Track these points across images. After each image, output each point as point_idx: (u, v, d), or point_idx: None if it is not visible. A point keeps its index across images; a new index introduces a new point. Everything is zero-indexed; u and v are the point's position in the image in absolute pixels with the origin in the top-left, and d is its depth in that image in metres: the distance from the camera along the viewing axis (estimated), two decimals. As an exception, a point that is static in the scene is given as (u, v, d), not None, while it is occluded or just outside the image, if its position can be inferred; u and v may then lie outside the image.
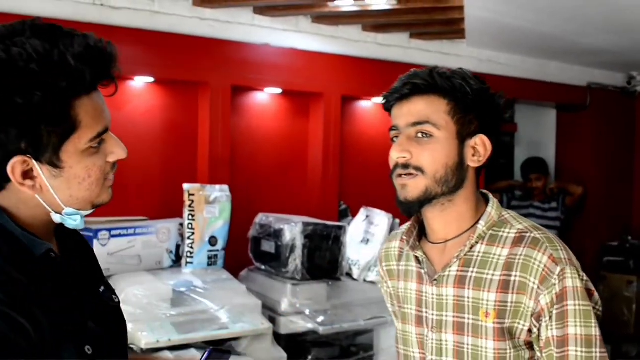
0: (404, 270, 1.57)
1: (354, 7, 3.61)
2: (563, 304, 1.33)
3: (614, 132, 5.94)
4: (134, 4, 3.38)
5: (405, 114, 1.47)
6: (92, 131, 1.13)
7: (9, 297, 1.03)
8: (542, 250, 1.37)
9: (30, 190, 1.13)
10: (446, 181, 1.42)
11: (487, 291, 1.40)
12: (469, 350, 1.42)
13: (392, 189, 4.55)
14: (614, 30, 4.22)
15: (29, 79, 1.04)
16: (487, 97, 1.46)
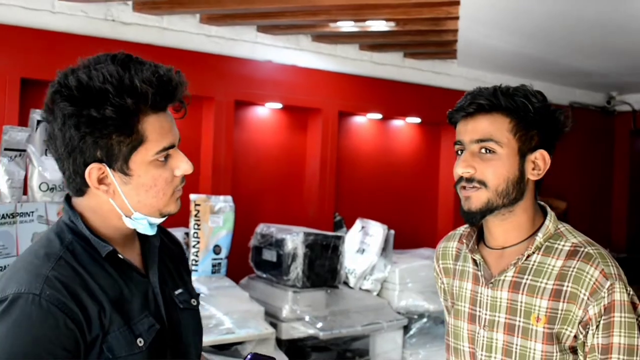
0: (460, 269, 1.67)
1: (353, 27, 3.79)
2: (611, 315, 1.43)
3: (595, 149, 6.17)
4: (144, 20, 3.53)
5: (470, 131, 1.53)
6: (158, 145, 1.27)
7: (68, 289, 1.21)
8: (595, 264, 1.46)
9: (105, 195, 1.28)
10: (507, 194, 1.50)
11: (539, 298, 1.49)
12: (517, 350, 1.51)
13: (385, 201, 4.74)
14: (596, 53, 4.44)
15: (103, 96, 1.21)
16: (548, 114, 1.52)
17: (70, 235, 1.30)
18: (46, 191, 2.73)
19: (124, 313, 1.28)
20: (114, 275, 1.30)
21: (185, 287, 1.48)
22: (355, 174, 4.61)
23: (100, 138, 1.23)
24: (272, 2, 3.35)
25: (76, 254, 1.27)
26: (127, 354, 1.25)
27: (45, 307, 1.17)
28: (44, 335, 1.16)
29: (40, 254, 1.26)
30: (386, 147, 4.85)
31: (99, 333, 1.22)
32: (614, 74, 5.14)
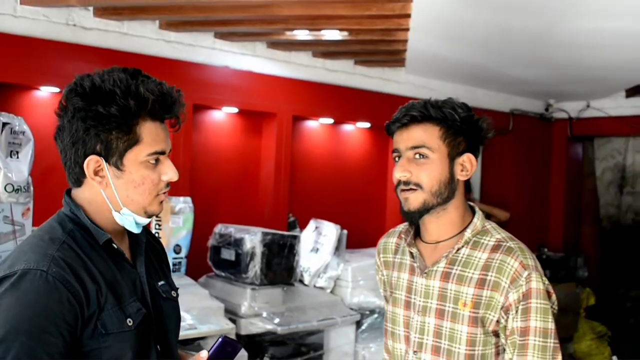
0: (398, 262, 1.86)
1: (308, 36, 3.94)
2: (528, 301, 1.62)
3: (533, 153, 6.47)
4: (105, 26, 3.61)
5: (405, 140, 1.72)
6: (150, 148, 1.44)
7: (72, 269, 1.36)
8: (515, 257, 1.66)
9: (99, 185, 1.44)
10: (440, 194, 1.70)
11: (467, 286, 1.69)
12: (446, 332, 1.71)
13: (337, 202, 4.89)
14: (535, 64, 4.71)
15: (111, 97, 1.39)
16: (472, 122, 1.72)
17: (70, 224, 1.45)
18: (11, 192, 2.80)
19: (116, 295, 1.42)
20: (108, 262, 1.45)
21: (167, 280, 1.64)
22: (308, 176, 4.76)
23: (102, 132, 1.40)
24: (231, 11, 3.48)
25: (77, 240, 1.42)
26: (118, 330, 1.40)
27: (52, 282, 1.32)
28: (49, 307, 1.30)
29: (45, 238, 1.41)
30: (337, 150, 5.02)
31: (96, 310, 1.37)
32: (552, 83, 5.44)
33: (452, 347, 1.70)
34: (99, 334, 1.37)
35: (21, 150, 2.90)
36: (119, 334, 1.40)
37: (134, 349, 1.42)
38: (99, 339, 1.37)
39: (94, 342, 1.37)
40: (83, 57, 3.56)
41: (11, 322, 1.28)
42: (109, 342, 1.38)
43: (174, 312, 1.62)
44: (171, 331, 1.60)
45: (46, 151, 3.50)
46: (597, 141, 7.09)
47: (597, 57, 4.32)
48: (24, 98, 3.55)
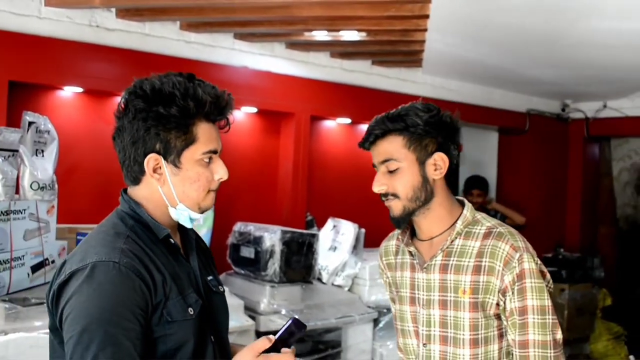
0: (400, 262, 1.93)
1: (327, 36, 3.98)
2: (522, 281, 1.71)
3: (550, 153, 6.46)
4: (127, 27, 3.67)
5: (376, 155, 1.82)
6: (205, 147, 1.53)
7: (140, 259, 1.45)
8: (505, 241, 1.75)
9: (157, 182, 1.53)
10: (417, 198, 1.78)
11: (464, 274, 1.77)
12: (451, 321, 1.79)
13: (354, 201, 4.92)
14: (552, 64, 4.72)
15: (171, 98, 1.47)
16: (435, 122, 1.78)
17: (131, 221, 1.54)
18: (37, 190, 2.87)
19: (178, 286, 1.51)
20: (168, 256, 1.54)
21: (214, 275, 1.72)
22: (326, 175, 4.80)
23: (162, 131, 1.49)
24: (250, 12, 3.53)
25: (138, 235, 1.52)
26: (182, 319, 1.48)
27: (124, 272, 1.40)
28: (125, 295, 1.39)
29: (111, 233, 1.50)
30: (355, 150, 5.01)
31: (162, 299, 1.46)
32: (569, 83, 5.44)
33: (457, 335, 1.78)
34: (165, 322, 1.46)
35: (46, 149, 2.97)
36: (183, 322, 1.48)
37: (195, 337, 1.50)
38: (165, 326, 1.45)
39: (161, 329, 1.45)
40: (105, 57, 3.62)
41: (92, 312, 1.35)
42: (174, 329, 1.46)
43: (223, 305, 1.70)
44: (222, 323, 1.68)
45: (70, 150, 3.58)
46: (614, 141, 7.06)
47: (615, 57, 4.32)
48: (48, 98, 3.61)
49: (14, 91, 3.35)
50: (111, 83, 3.64)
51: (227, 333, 1.70)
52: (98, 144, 3.73)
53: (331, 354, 3.64)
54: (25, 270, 2.75)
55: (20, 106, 3.21)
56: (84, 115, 3.77)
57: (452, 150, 1.82)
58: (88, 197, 3.73)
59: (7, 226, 2.67)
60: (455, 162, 1.84)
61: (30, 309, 2.53)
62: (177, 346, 1.47)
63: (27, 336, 2.30)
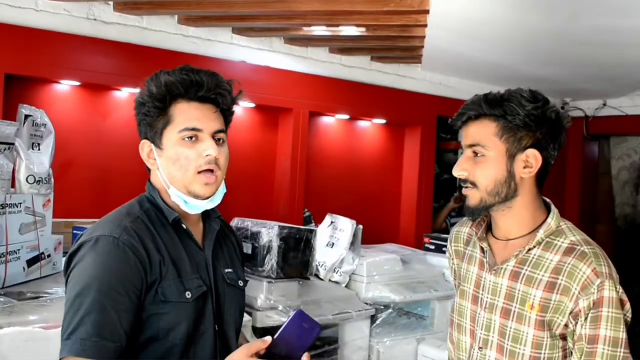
0: (469, 254, 1.84)
1: (325, 32, 3.96)
2: (599, 309, 1.56)
3: (548, 152, 6.44)
4: (124, 20, 3.65)
5: (464, 137, 1.71)
6: (181, 125, 1.57)
7: (140, 238, 1.54)
8: (588, 263, 1.60)
9: (153, 166, 1.63)
10: (497, 193, 1.66)
11: (535, 288, 1.64)
12: (510, 332, 1.67)
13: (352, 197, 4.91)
14: (552, 61, 4.70)
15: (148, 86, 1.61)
16: (539, 115, 1.64)
17: (147, 204, 1.65)
18: (33, 183, 2.85)
19: (178, 269, 1.58)
20: (175, 240, 1.62)
21: (234, 269, 1.75)
22: (324, 171, 4.79)
23: (144, 116, 1.61)
24: (249, 6, 3.50)
25: (150, 217, 1.61)
26: (176, 300, 1.54)
27: (121, 247, 1.50)
28: (118, 269, 1.48)
29: (123, 212, 1.61)
30: (353, 146, 5.04)
31: (157, 278, 1.53)
32: (568, 81, 5.42)
33: (516, 348, 1.67)
34: (159, 301, 1.52)
35: (42, 142, 2.94)
36: (177, 304, 1.54)
37: (188, 320, 1.56)
38: (158, 305, 1.52)
39: (154, 307, 1.52)
40: (103, 51, 3.60)
41: (87, 280, 1.46)
42: (166, 309, 1.53)
43: (235, 299, 1.73)
44: (230, 315, 1.70)
45: (67, 144, 3.56)
46: (613, 140, 7.04)
47: (615, 55, 4.31)
48: (45, 91, 3.60)
49: (10, 84, 3.34)
50: (108, 77, 3.62)
51: (234, 326, 1.71)
52: (95, 137, 3.71)
53: (328, 350, 3.62)
54: (20, 264, 2.73)
55: (16, 99, 3.19)
56: (81, 109, 3.75)
57: (551, 149, 1.69)
58: (84, 191, 3.71)
59: (2, 220, 2.65)
60: (552, 162, 1.72)
61: (25, 303, 2.51)
62: (169, 326, 1.53)
63: (22, 330, 2.28)
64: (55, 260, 2.98)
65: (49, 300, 2.55)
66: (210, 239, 1.69)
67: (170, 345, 1.54)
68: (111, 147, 3.77)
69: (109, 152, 3.77)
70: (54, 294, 2.60)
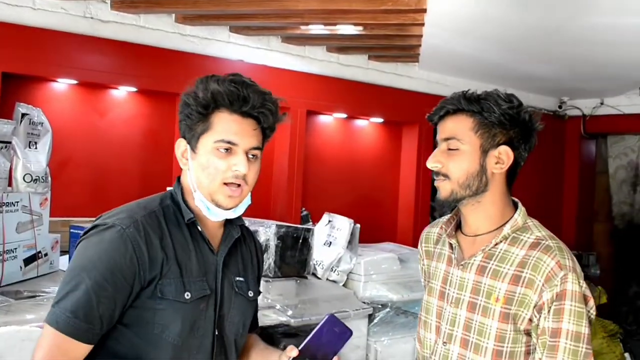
0: (438, 252, 1.88)
1: (323, 30, 3.96)
2: (562, 302, 1.59)
3: (546, 150, 6.44)
4: (121, 19, 3.64)
5: (441, 131, 1.76)
6: (218, 136, 1.58)
7: (147, 234, 1.55)
8: (552, 255, 1.64)
9: (185, 166, 1.65)
10: (468, 185, 1.71)
11: (501, 281, 1.67)
12: (475, 326, 1.70)
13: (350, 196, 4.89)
14: (549, 60, 4.71)
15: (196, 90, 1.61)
16: (513, 115, 1.71)
17: (168, 201, 1.65)
18: (30, 182, 2.84)
19: (182, 269, 1.58)
20: (188, 240, 1.62)
21: (246, 278, 1.74)
22: (322, 170, 4.78)
23: (186, 117, 1.61)
24: (246, 4, 3.50)
25: (166, 215, 1.62)
26: (174, 299, 1.55)
27: (124, 239, 1.51)
28: (112, 257, 1.50)
29: (141, 205, 1.62)
30: (351, 145, 5.04)
31: (157, 275, 1.54)
32: (566, 80, 5.43)
33: (480, 342, 1.69)
34: (156, 297, 1.53)
35: (39, 141, 2.94)
36: (174, 302, 1.55)
37: (183, 320, 1.56)
38: (155, 300, 1.53)
39: (151, 302, 1.53)
40: (100, 49, 3.59)
41: (83, 259, 1.51)
42: (163, 306, 1.54)
43: (242, 308, 1.73)
44: (232, 323, 1.69)
45: (64, 142, 3.55)
46: (610, 139, 7.06)
47: (612, 54, 4.31)
48: (42, 90, 3.59)
49: (7, 83, 3.33)
50: (105, 75, 3.62)
51: (238, 334, 1.72)
52: (92, 136, 3.70)
53: (325, 349, 3.62)
54: (17, 263, 2.73)
55: (13, 98, 3.18)
56: (78, 108, 3.74)
57: (522, 150, 1.75)
58: (82, 190, 3.70)
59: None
60: (521, 164, 1.78)
61: (22, 302, 2.51)
62: (164, 322, 1.54)
63: (18, 329, 2.28)
64: (52, 259, 2.98)
65: (46, 299, 2.55)
66: (226, 245, 1.69)
67: (166, 342, 1.55)
68: (108, 145, 3.77)
69: (106, 150, 3.77)
70: (51, 293, 2.60)
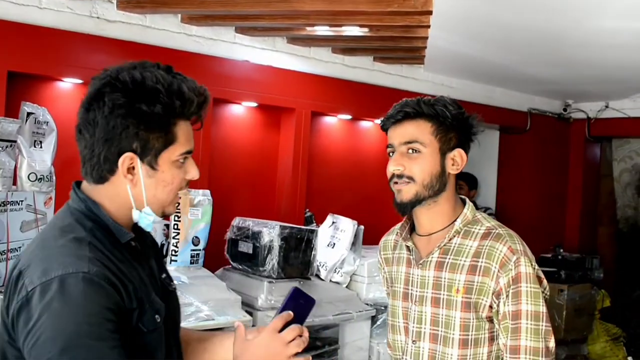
0: (397, 257, 1.93)
1: (328, 32, 3.96)
2: (518, 285, 1.69)
3: (550, 153, 6.44)
4: (128, 18, 3.64)
5: (399, 135, 1.81)
6: (183, 148, 1.42)
7: (108, 267, 1.32)
8: (503, 242, 1.73)
9: (129, 183, 1.40)
10: (431, 186, 1.78)
11: (459, 273, 1.75)
12: (442, 319, 1.77)
13: (354, 198, 4.91)
14: (555, 63, 4.70)
15: (154, 94, 1.35)
16: (462, 119, 1.81)
17: (89, 223, 1.39)
18: (34, 181, 2.85)
19: (146, 293, 1.40)
20: (130, 260, 1.42)
21: (166, 272, 1.62)
22: (326, 171, 4.78)
23: (143, 131, 1.36)
24: (252, 5, 3.50)
25: (98, 239, 1.37)
26: (153, 327, 1.39)
27: (96, 282, 1.27)
28: (100, 305, 1.27)
29: (70, 239, 1.34)
30: (355, 146, 5.03)
31: (136, 307, 1.35)
32: (571, 82, 5.42)
33: (448, 334, 1.76)
34: (140, 332, 1.36)
35: (44, 140, 2.94)
36: (154, 331, 1.40)
37: (163, 344, 1.43)
38: (139, 337, 1.35)
39: (137, 339, 1.35)
40: (106, 49, 3.60)
41: (69, 330, 1.23)
42: (147, 340, 1.37)
43: (177, 303, 1.62)
44: (177, 322, 1.60)
45: (68, 142, 3.53)
46: (615, 142, 7.03)
47: (617, 57, 4.30)
48: (47, 89, 3.59)
49: (13, 81, 3.33)
50: (111, 75, 3.61)
51: (178, 325, 1.62)
52: (97, 136, 3.70)
53: (328, 351, 3.62)
54: (21, 261, 2.73)
55: (19, 97, 3.18)
56: (83, 107, 3.74)
57: (467, 150, 1.84)
58: (86, 190, 3.70)
59: (4, 217, 2.65)
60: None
61: (26, 300, 2.51)
62: (151, 354, 1.39)
63: (22, 328, 2.28)
64: (57, 258, 2.98)
65: (50, 298, 2.54)
66: (148, 249, 1.54)
67: None
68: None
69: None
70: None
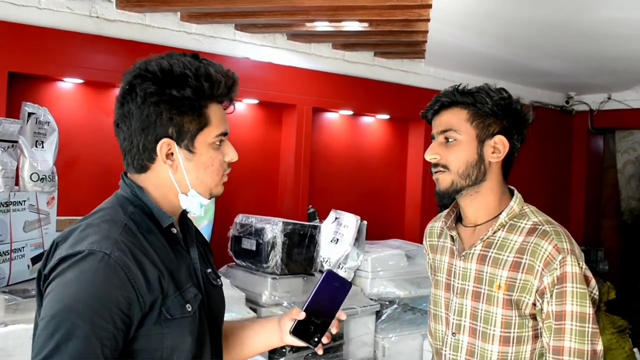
0: (441, 245, 1.92)
1: (328, 27, 3.95)
2: (563, 285, 1.63)
3: (553, 146, 6.43)
4: (127, 17, 3.64)
5: (437, 125, 1.81)
6: (218, 129, 1.47)
7: (133, 254, 1.35)
8: (549, 240, 1.68)
9: (169, 169, 1.45)
10: (468, 175, 1.75)
11: (501, 269, 1.71)
12: (482, 314, 1.74)
13: (356, 193, 4.92)
14: (557, 55, 4.68)
15: (183, 79, 1.39)
16: (505, 105, 1.76)
17: (132, 207, 1.45)
18: (37, 181, 2.85)
19: (176, 280, 1.42)
20: (166, 247, 1.44)
21: (212, 267, 1.64)
22: (328, 167, 4.78)
23: (176, 115, 1.41)
24: (251, 2, 3.49)
25: (137, 224, 1.42)
26: (180, 316, 1.40)
27: (113, 266, 1.30)
28: (105, 291, 1.29)
29: (107, 220, 1.40)
30: (357, 142, 5.03)
31: (159, 295, 1.36)
32: (573, 75, 5.40)
33: (487, 329, 1.73)
34: (164, 319, 1.37)
35: (46, 140, 2.95)
36: (181, 320, 1.40)
37: (193, 334, 1.43)
38: (162, 324, 1.37)
39: (157, 327, 1.36)
40: (106, 48, 3.60)
41: (66, 300, 1.26)
42: (171, 328, 1.38)
43: (221, 299, 1.65)
44: (220, 318, 1.62)
45: (70, 141, 3.56)
46: (618, 134, 7.03)
47: (620, 48, 4.29)
48: (48, 89, 3.60)
49: (13, 82, 3.34)
50: (111, 74, 3.61)
51: (222, 328, 1.64)
52: (98, 135, 3.71)
53: (333, 347, 3.62)
54: (25, 262, 2.74)
55: (20, 97, 3.19)
56: (84, 107, 3.75)
57: (515, 140, 1.80)
58: (88, 189, 3.71)
59: (6, 217, 2.65)
60: (515, 154, 1.83)
61: (30, 300, 2.51)
62: (174, 345, 1.39)
63: (26, 328, 2.28)
64: (60, 257, 2.98)
65: (54, 297, 2.55)
66: (192, 240, 1.57)
67: None
68: (114, 144, 3.69)
69: (112, 149, 3.71)
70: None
